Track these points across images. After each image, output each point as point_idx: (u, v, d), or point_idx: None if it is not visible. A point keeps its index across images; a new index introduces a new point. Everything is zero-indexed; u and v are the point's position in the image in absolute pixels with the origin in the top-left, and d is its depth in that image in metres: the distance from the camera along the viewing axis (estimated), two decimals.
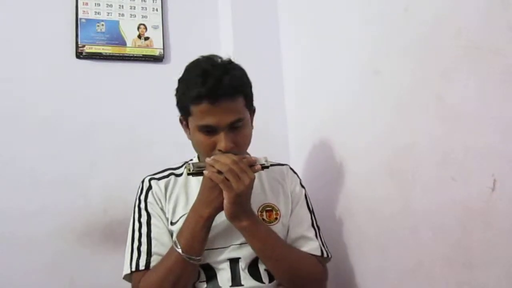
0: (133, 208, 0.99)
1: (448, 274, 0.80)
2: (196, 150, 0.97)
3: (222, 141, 0.86)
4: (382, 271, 1.00)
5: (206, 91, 0.84)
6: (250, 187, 0.85)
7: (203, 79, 0.85)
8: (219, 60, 0.91)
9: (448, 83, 0.79)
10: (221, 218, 0.89)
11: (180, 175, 1.02)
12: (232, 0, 1.52)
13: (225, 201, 0.84)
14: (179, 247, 0.85)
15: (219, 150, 0.87)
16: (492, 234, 0.71)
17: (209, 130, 0.87)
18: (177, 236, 0.88)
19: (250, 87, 0.95)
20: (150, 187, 0.99)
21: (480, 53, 0.72)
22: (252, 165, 0.87)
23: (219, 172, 0.83)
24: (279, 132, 1.48)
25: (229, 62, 0.92)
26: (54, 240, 1.33)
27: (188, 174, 0.89)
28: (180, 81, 0.93)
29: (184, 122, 0.97)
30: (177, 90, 0.94)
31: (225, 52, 1.38)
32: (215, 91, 0.84)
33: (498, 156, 0.69)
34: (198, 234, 0.86)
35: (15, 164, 1.33)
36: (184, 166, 1.03)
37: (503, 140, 0.68)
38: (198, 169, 0.88)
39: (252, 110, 0.98)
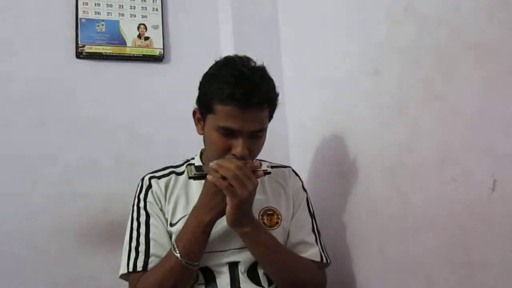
0: (131, 206, 0.98)
1: (448, 274, 0.80)
2: (207, 148, 0.94)
3: (239, 146, 0.85)
4: (382, 271, 1.00)
5: (240, 95, 0.81)
6: (253, 193, 0.84)
7: (238, 81, 0.82)
8: (253, 64, 0.89)
9: (448, 83, 0.79)
10: (221, 222, 0.88)
11: (181, 173, 1.01)
12: (232, 0, 1.52)
13: (228, 207, 0.83)
14: (177, 251, 0.84)
15: (233, 154, 0.85)
16: (492, 234, 0.71)
17: (229, 133, 0.85)
18: (176, 240, 0.87)
19: (277, 99, 0.92)
20: (150, 186, 0.98)
21: (480, 52, 0.73)
22: (255, 171, 0.85)
23: (223, 177, 0.81)
24: (279, 132, 1.48)
25: (264, 69, 0.90)
26: (54, 240, 1.33)
27: (189, 178, 0.87)
28: (209, 75, 0.90)
29: (198, 116, 0.94)
30: (203, 83, 0.91)
31: (225, 52, 1.39)
32: (249, 97, 0.82)
33: (498, 156, 0.69)
34: (197, 239, 0.85)
35: (15, 164, 1.33)
36: (185, 166, 1.02)
37: (503, 140, 0.68)
38: (199, 173, 0.86)
39: (270, 120, 0.95)
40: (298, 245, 0.98)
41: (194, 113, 0.96)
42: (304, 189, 1.07)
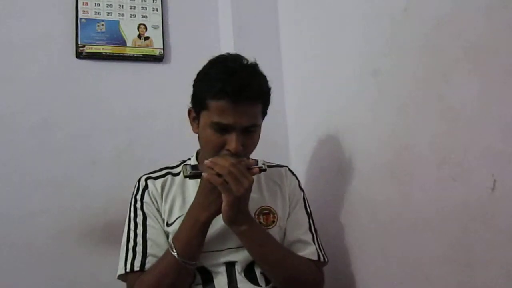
0: (128, 207, 0.98)
1: (448, 274, 0.80)
2: (202, 145, 0.95)
3: (233, 142, 0.85)
4: (382, 271, 1.00)
5: (232, 89, 0.82)
6: (249, 190, 0.84)
7: (230, 77, 0.84)
8: (245, 61, 0.90)
9: (448, 83, 0.79)
10: (217, 221, 0.88)
11: (177, 174, 1.01)
12: (232, 0, 1.53)
13: (223, 205, 0.83)
14: (174, 250, 0.84)
15: (227, 150, 0.86)
16: (492, 234, 0.71)
17: (222, 129, 0.86)
18: (173, 239, 0.87)
19: (270, 96, 0.93)
20: (146, 187, 0.98)
21: (480, 53, 0.73)
22: (250, 168, 0.86)
23: (218, 174, 0.81)
24: (279, 132, 1.48)
25: (255, 66, 0.91)
26: (54, 241, 1.33)
27: (185, 177, 0.87)
28: (202, 73, 0.92)
29: (193, 115, 0.95)
30: (196, 81, 0.92)
31: (225, 52, 1.38)
32: (241, 92, 0.83)
33: (498, 156, 0.69)
34: (194, 238, 0.85)
35: (15, 164, 1.33)
36: (181, 166, 1.02)
37: (503, 140, 0.69)
38: (195, 172, 0.86)
39: (263, 118, 0.96)
40: (295, 244, 0.98)
41: (189, 112, 0.97)
42: (301, 188, 1.07)
